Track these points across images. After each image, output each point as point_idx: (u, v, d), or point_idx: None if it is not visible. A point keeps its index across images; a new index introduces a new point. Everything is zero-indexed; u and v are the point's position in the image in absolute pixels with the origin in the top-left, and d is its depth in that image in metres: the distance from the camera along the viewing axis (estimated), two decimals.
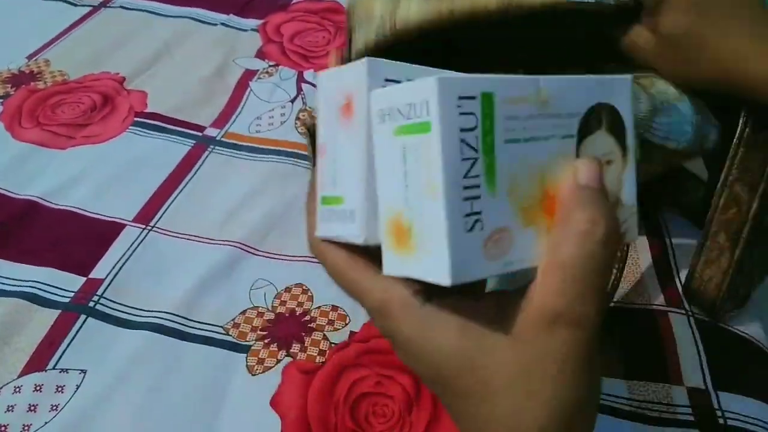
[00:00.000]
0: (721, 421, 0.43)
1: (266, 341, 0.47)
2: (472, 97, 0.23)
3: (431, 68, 0.27)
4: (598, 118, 0.27)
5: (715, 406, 0.43)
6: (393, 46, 0.42)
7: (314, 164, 0.51)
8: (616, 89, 0.27)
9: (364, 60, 0.25)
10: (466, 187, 0.22)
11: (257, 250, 0.54)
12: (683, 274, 0.51)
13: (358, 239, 0.26)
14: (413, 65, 0.27)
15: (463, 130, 0.22)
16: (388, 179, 0.25)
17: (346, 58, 0.45)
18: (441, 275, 0.22)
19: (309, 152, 0.50)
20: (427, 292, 0.25)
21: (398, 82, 0.26)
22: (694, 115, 0.39)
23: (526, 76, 0.25)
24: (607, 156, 0.27)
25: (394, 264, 0.25)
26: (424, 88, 0.22)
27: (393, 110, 0.24)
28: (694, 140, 0.40)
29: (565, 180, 0.25)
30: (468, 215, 0.22)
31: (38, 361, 0.45)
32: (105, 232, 0.54)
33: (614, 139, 0.27)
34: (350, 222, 0.26)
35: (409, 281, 0.25)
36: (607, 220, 0.24)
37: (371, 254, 0.27)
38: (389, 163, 0.24)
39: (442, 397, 0.27)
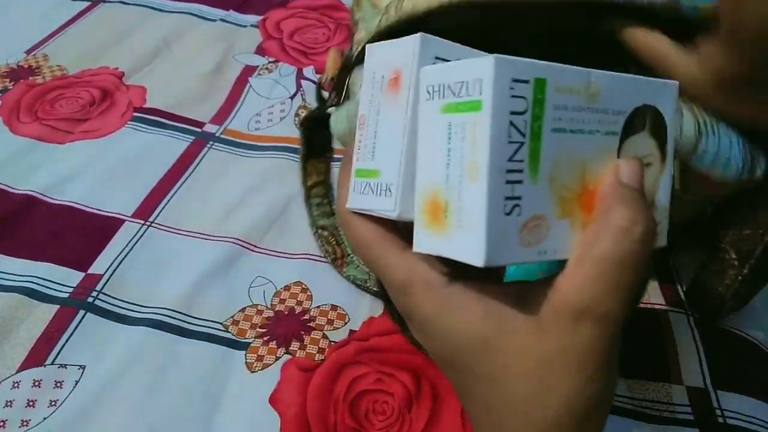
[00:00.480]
0: (720, 420, 0.43)
1: (265, 339, 0.47)
2: (526, 81, 0.23)
3: (481, 51, 0.26)
4: (643, 119, 0.27)
5: (715, 405, 0.43)
6: (397, 33, 0.42)
7: (304, 158, 0.51)
8: (664, 93, 0.27)
9: (418, 35, 0.25)
10: (509, 170, 0.22)
11: (256, 246, 0.54)
12: (683, 274, 0.51)
13: (392, 213, 0.25)
14: (463, 46, 0.26)
15: (513, 113, 0.22)
16: (430, 156, 0.24)
17: (347, 54, 0.45)
18: (475, 256, 0.22)
19: (301, 144, 0.50)
20: (452, 274, 0.25)
21: (447, 60, 0.25)
22: (743, 138, 0.34)
23: (579, 68, 0.25)
24: (647, 158, 0.27)
25: (425, 241, 0.25)
26: (480, 66, 0.22)
27: (443, 87, 0.24)
28: (744, 168, 0.35)
29: (607, 176, 0.25)
30: (508, 198, 0.22)
31: (37, 357, 0.45)
32: (104, 228, 0.54)
33: (655, 142, 0.27)
34: (385, 196, 0.26)
35: (434, 262, 0.25)
36: (646, 220, 0.24)
37: (400, 231, 0.27)
38: (433, 139, 0.24)
39: (455, 378, 0.27)
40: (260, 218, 0.56)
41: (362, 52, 0.42)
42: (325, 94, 0.47)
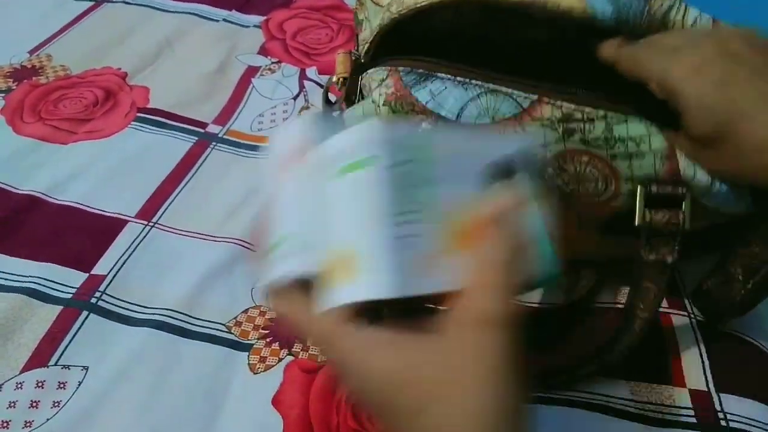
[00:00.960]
0: (723, 423, 0.43)
1: (268, 340, 0.47)
2: (411, 140, 0.27)
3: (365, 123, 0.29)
4: (512, 167, 0.31)
5: (718, 408, 0.43)
6: (399, 28, 0.42)
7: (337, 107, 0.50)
8: (531, 145, 0.32)
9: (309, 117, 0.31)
10: (403, 212, 0.26)
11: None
12: (684, 276, 0.51)
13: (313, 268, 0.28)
14: (339, 117, 0.33)
15: (401, 163, 0.26)
16: (334, 215, 0.28)
17: (355, 54, 0.45)
18: (380, 290, 0.26)
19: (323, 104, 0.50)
20: (368, 317, 0.27)
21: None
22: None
23: (461, 125, 0.32)
24: (518, 198, 0.30)
25: (339, 294, 0.27)
26: (369, 129, 0.26)
27: (341, 152, 0.27)
28: (738, 203, 0.40)
29: (486, 211, 0.28)
30: (405, 237, 0.26)
31: (40, 357, 0.45)
32: (107, 228, 0.54)
33: (528, 183, 0.31)
34: (301, 255, 0.29)
35: (347, 312, 0.27)
36: (516, 238, 0.28)
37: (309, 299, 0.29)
38: (337, 199, 0.28)
39: (385, 421, 0.28)
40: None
41: (371, 50, 0.43)
42: (332, 96, 0.47)
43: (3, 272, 0.50)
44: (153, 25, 0.80)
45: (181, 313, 0.48)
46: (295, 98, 0.71)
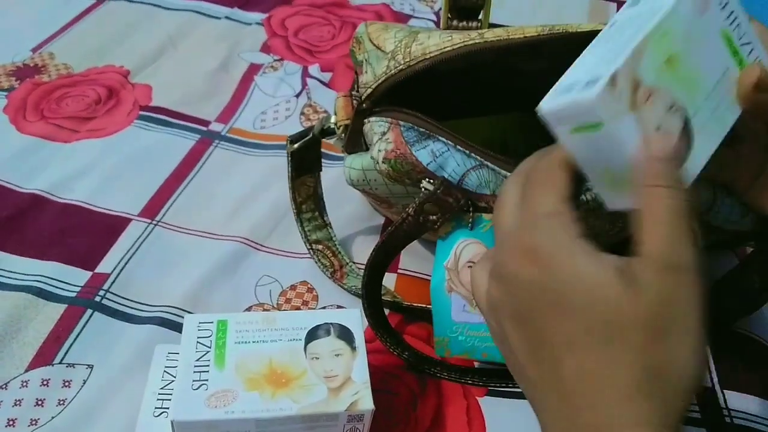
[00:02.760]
0: (727, 419, 0.43)
1: None
2: (210, 322, 0.38)
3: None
4: (327, 329, 0.39)
5: (722, 404, 0.43)
6: (405, 80, 0.41)
7: (293, 179, 0.49)
8: (349, 316, 0.40)
9: None
10: (197, 366, 0.36)
11: (263, 245, 0.54)
12: None
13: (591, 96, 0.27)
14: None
15: (199, 338, 0.38)
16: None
17: (355, 96, 0.45)
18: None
19: (289, 169, 0.51)
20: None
21: None
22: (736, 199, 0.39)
23: (259, 313, 0.39)
24: (337, 351, 0.38)
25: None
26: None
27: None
28: (740, 221, 0.40)
29: (639, 172, 0.28)
30: (197, 381, 0.36)
31: (45, 356, 0.45)
32: (111, 227, 0.54)
33: (343, 342, 0.38)
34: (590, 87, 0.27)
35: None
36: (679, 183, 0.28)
37: None
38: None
39: (554, 328, 0.27)
40: (266, 217, 0.56)
41: (373, 96, 0.43)
42: (331, 123, 0.47)
43: (8, 271, 0.50)
44: (155, 23, 0.80)
45: (185, 310, 0.48)
46: (297, 96, 0.71)
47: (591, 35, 0.31)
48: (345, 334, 0.39)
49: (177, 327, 0.47)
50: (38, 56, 0.73)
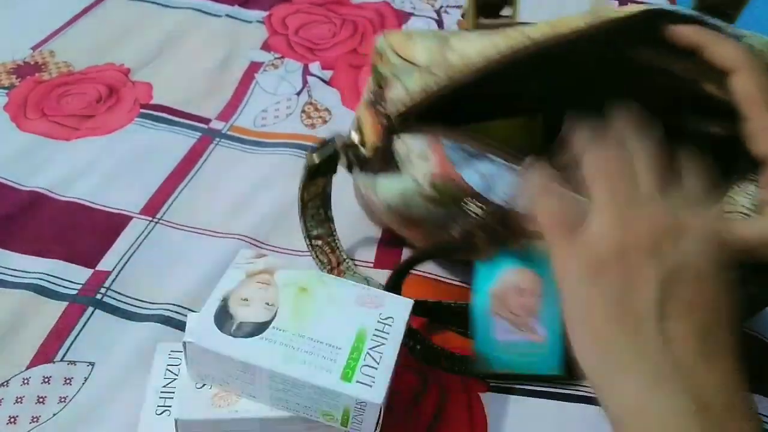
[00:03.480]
0: None
1: None
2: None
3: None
4: None
5: None
6: (448, 94, 0.38)
7: (305, 185, 0.47)
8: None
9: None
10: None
11: (264, 244, 0.54)
12: None
13: None
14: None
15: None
16: None
17: (382, 113, 0.42)
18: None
19: (304, 175, 0.48)
20: None
21: None
22: None
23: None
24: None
25: None
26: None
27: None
28: None
29: None
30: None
31: (46, 353, 0.45)
32: (112, 224, 0.54)
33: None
34: None
35: None
36: None
37: None
38: None
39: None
40: (267, 215, 0.56)
41: (405, 114, 0.40)
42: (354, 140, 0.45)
43: (8, 269, 0.50)
44: (155, 21, 0.80)
45: (186, 308, 0.48)
46: (298, 94, 0.71)
47: (635, 19, 0.32)
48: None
49: (178, 325, 0.47)
50: (39, 54, 0.73)
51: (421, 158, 0.40)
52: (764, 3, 0.53)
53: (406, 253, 0.54)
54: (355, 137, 0.44)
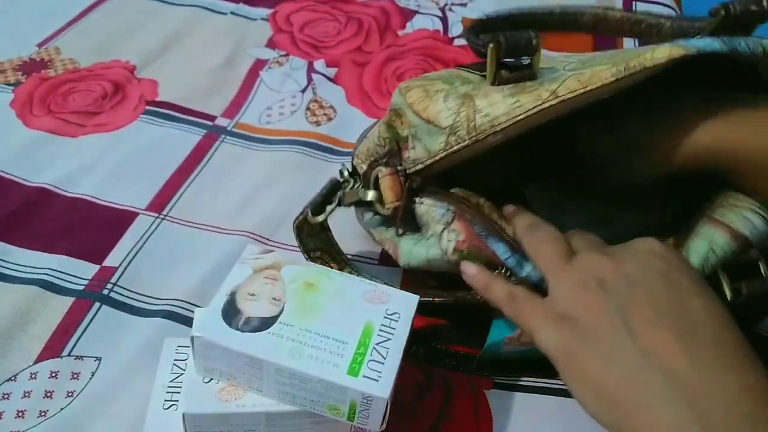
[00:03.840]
0: None
1: None
2: (187, 346, 0.38)
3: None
4: None
5: None
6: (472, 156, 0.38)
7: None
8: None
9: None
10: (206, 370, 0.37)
11: (269, 240, 0.54)
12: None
13: None
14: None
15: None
16: None
17: (400, 171, 0.42)
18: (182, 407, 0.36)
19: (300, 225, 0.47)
20: None
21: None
22: None
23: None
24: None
25: None
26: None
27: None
28: None
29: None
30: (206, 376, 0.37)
31: (53, 348, 0.45)
32: (118, 221, 0.54)
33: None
34: None
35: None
36: None
37: None
38: None
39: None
40: (272, 212, 0.57)
41: (424, 173, 0.41)
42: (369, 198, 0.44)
43: (16, 264, 0.50)
44: (161, 18, 0.81)
45: (192, 303, 0.48)
46: (303, 91, 0.71)
47: (668, 69, 0.32)
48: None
49: (184, 320, 0.47)
50: (44, 51, 0.73)
51: (448, 229, 0.40)
52: None
53: None
54: (371, 195, 0.44)
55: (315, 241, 0.48)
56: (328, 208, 0.46)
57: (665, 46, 0.35)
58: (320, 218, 0.45)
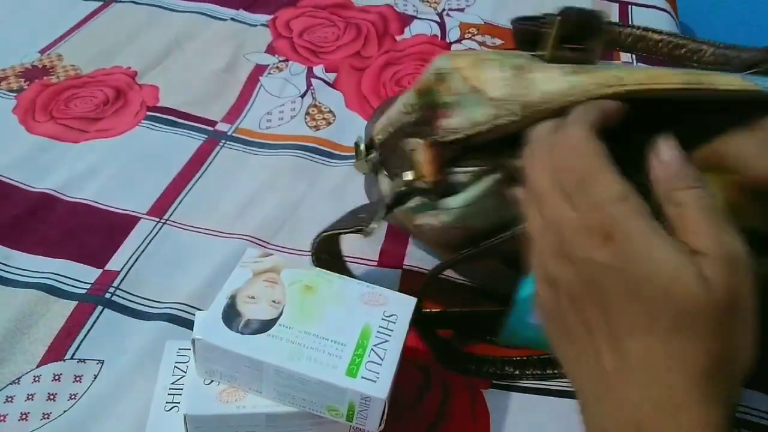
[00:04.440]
0: (736, 415, 0.43)
1: None
2: (188, 348, 0.38)
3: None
4: None
5: None
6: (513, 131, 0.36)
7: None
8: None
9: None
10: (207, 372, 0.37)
11: (269, 243, 0.55)
12: None
13: None
14: None
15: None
16: None
17: (438, 143, 0.40)
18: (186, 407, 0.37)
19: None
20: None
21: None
22: None
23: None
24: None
25: None
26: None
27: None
28: None
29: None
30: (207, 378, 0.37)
31: (56, 351, 0.46)
32: (120, 225, 0.55)
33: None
34: None
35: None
36: None
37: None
38: None
39: (625, 311, 0.28)
40: (273, 216, 0.57)
41: (458, 143, 0.39)
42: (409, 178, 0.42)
43: (19, 268, 0.51)
44: (162, 24, 0.81)
45: (193, 307, 0.49)
46: (302, 96, 0.72)
47: (739, 98, 0.31)
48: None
49: (186, 323, 0.48)
50: (47, 58, 0.74)
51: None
52: None
53: (410, 250, 0.54)
54: (410, 175, 0.41)
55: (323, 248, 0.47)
56: (378, 216, 0.42)
57: (735, 76, 0.34)
58: (373, 227, 0.42)
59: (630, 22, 0.88)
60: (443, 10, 0.88)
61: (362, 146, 0.46)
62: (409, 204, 0.43)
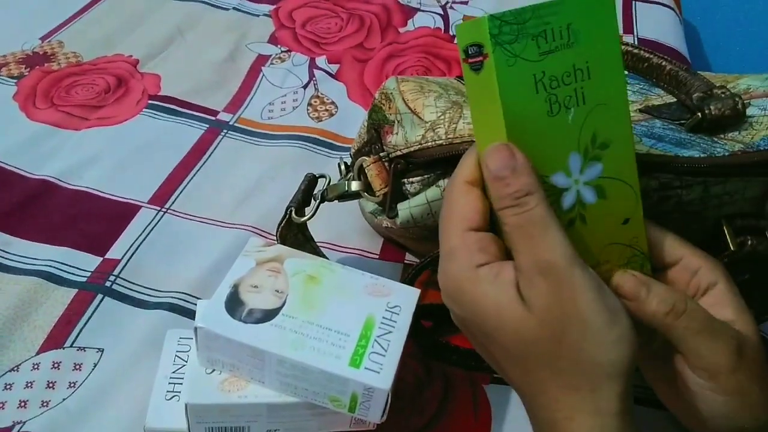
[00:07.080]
0: None
1: None
2: (190, 337, 0.40)
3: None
4: None
5: None
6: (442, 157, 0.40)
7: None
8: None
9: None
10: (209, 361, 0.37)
11: (270, 234, 0.55)
12: None
13: None
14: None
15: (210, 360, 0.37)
16: None
17: (383, 157, 0.44)
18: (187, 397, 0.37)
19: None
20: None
21: None
22: None
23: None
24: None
25: None
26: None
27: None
28: None
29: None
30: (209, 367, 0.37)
31: (56, 339, 0.45)
32: (121, 213, 0.55)
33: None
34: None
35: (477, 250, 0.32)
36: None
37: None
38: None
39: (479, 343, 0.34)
40: (274, 206, 0.57)
41: (405, 158, 0.42)
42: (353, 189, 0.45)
43: (19, 255, 0.51)
44: (164, 12, 0.81)
45: (194, 296, 0.49)
46: (305, 87, 0.71)
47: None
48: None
49: (186, 312, 0.48)
50: (47, 44, 0.73)
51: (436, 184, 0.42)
52: None
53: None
54: (356, 185, 0.45)
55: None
56: (313, 203, 0.46)
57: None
58: (305, 218, 0.45)
59: (633, 18, 0.87)
60: (447, 2, 0.88)
61: (342, 165, 0.49)
62: (367, 209, 0.50)
